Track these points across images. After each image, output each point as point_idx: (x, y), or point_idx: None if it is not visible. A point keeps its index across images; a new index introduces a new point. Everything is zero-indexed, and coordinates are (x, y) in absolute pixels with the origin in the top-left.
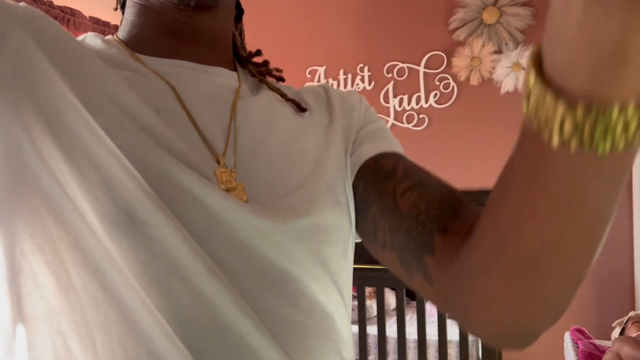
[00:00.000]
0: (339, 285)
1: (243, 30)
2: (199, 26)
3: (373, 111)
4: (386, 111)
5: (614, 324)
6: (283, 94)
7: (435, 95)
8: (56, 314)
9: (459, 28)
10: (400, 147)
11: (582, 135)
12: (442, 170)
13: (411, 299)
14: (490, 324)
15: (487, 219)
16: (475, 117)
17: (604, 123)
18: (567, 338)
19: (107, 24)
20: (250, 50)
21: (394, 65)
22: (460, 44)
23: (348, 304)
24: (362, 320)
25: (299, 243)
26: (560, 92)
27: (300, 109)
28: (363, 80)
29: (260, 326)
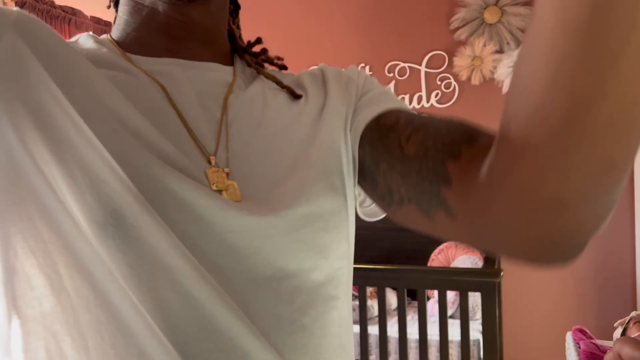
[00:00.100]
0: (341, 272)
1: (239, 26)
2: (192, 22)
3: (374, 80)
4: None
5: (616, 324)
6: (278, 82)
7: (436, 94)
8: (49, 315)
9: (461, 27)
10: (405, 105)
11: None
12: None
13: (412, 298)
14: (528, 233)
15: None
16: (476, 117)
17: None
18: (569, 338)
19: (109, 24)
20: (249, 40)
21: (395, 65)
22: (462, 43)
23: (349, 288)
24: (363, 320)
25: (292, 235)
26: None
27: (294, 96)
28: None
29: (252, 328)
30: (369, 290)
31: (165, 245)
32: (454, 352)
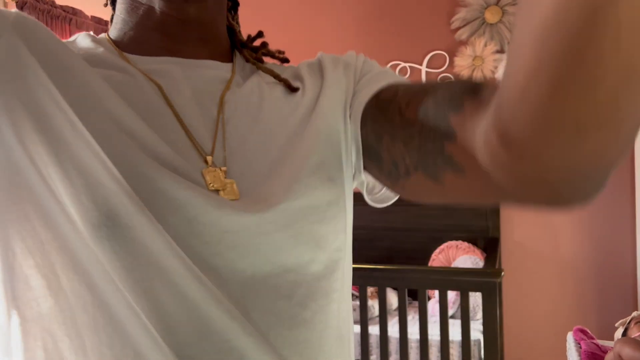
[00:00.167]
0: (340, 263)
1: (239, 23)
2: (189, 19)
3: (373, 62)
4: None
5: (617, 324)
6: (276, 75)
7: None
8: (46, 315)
9: (461, 27)
10: (405, 80)
11: None
12: None
13: (413, 298)
14: (547, 168)
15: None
16: None
17: None
18: (570, 338)
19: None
20: (249, 34)
21: (396, 65)
22: (463, 43)
23: (348, 280)
24: (364, 320)
25: (289, 229)
26: None
27: (291, 89)
28: None
29: (248, 328)
30: (370, 290)
31: (160, 246)
32: (455, 352)
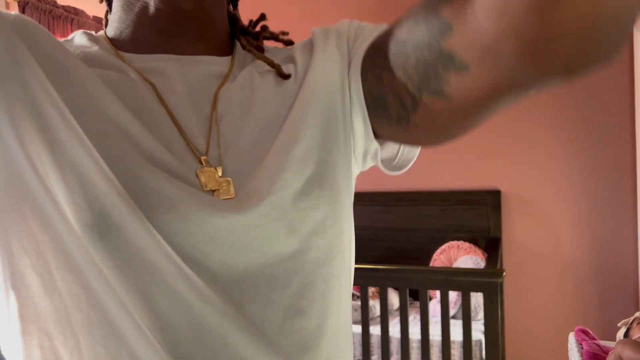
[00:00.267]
0: (340, 248)
1: (239, 16)
2: (184, 15)
3: (365, 24)
4: None
5: (620, 324)
6: (269, 62)
7: None
8: (42, 314)
9: None
10: None
11: None
12: (445, 170)
13: (414, 299)
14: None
15: None
16: None
17: None
18: (572, 339)
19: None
20: (251, 19)
21: None
22: None
23: (349, 264)
24: (365, 321)
25: (281, 221)
26: None
27: (282, 76)
28: None
29: (242, 323)
30: (371, 290)
31: (150, 246)
32: (456, 353)
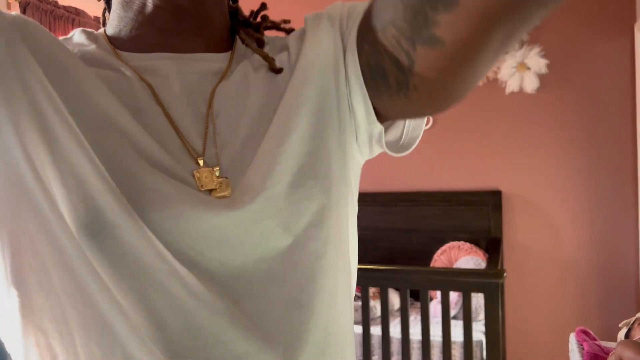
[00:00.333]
0: (340, 238)
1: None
2: (182, 12)
3: (358, 3)
4: None
5: (621, 325)
6: (264, 55)
7: None
8: (38, 312)
9: None
10: None
11: None
12: (446, 170)
13: (415, 299)
14: None
15: None
16: (479, 117)
17: None
18: (572, 339)
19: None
20: (252, 9)
21: None
22: None
23: (352, 254)
24: (366, 321)
25: (277, 216)
26: None
27: (274, 71)
28: None
29: (236, 319)
30: (372, 290)
31: (144, 245)
32: (457, 353)
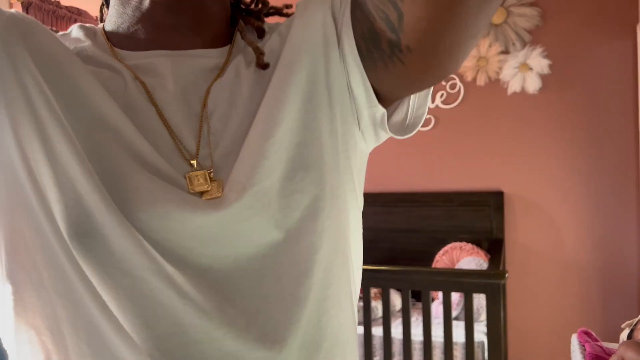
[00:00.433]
0: (341, 227)
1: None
2: (179, 6)
3: None
4: None
5: (623, 325)
6: (255, 48)
7: (441, 95)
8: (30, 310)
9: None
10: None
11: None
12: (448, 171)
13: (417, 300)
14: None
15: None
16: (481, 118)
17: None
18: (574, 340)
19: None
20: None
21: None
22: None
23: (355, 247)
24: (368, 322)
25: (267, 211)
26: None
27: (261, 66)
28: None
29: (227, 318)
30: (373, 291)
31: (130, 244)
32: (459, 354)
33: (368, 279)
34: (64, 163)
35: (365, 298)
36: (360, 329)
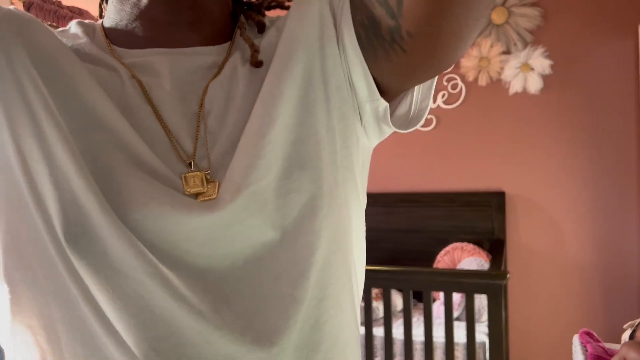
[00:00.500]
0: (340, 226)
1: None
2: (177, 4)
3: None
4: None
5: (625, 326)
6: (250, 45)
7: (443, 95)
8: (25, 309)
9: None
10: None
11: None
12: (450, 171)
13: (418, 300)
14: None
15: None
16: (483, 118)
17: None
18: (576, 341)
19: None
20: None
21: None
22: None
23: (358, 242)
24: (369, 322)
25: (263, 212)
26: None
27: (255, 65)
28: None
29: (221, 320)
30: (375, 291)
31: (125, 244)
32: (460, 355)
33: (369, 279)
34: (60, 162)
35: (366, 298)
36: (362, 330)
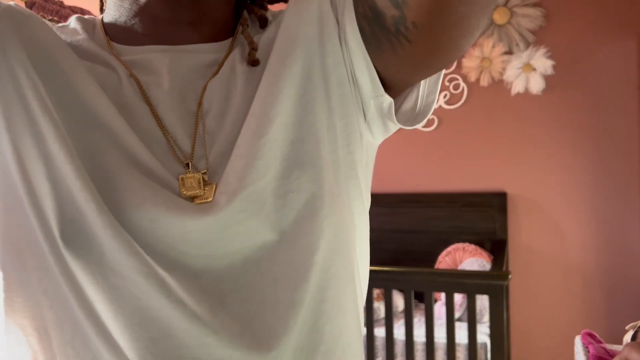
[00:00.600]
0: (342, 227)
1: None
2: (177, 0)
3: None
4: None
5: (627, 327)
6: (250, 42)
7: (445, 95)
8: (18, 309)
9: None
10: None
11: None
12: (451, 172)
13: (419, 301)
14: None
15: None
16: (485, 118)
17: None
18: (578, 342)
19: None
20: None
21: None
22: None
23: (361, 241)
24: (370, 322)
25: (261, 213)
26: None
27: (252, 64)
28: None
29: (217, 323)
30: (376, 292)
31: (121, 245)
32: (461, 355)
33: (371, 280)
34: (57, 161)
35: (367, 299)
36: (363, 330)
